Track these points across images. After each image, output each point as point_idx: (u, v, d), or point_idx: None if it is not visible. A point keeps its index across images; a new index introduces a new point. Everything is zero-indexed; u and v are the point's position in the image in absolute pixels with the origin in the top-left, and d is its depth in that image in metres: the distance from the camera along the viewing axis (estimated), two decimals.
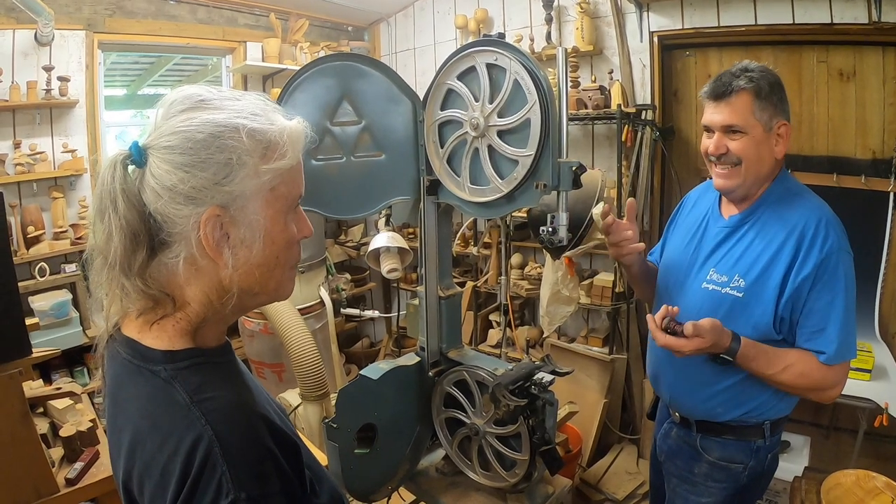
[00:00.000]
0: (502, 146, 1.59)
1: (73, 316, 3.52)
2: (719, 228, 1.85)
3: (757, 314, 1.70)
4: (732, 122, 1.69)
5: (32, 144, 3.55)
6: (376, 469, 1.89)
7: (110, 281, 0.89)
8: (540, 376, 1.75)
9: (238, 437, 0.82)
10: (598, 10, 3.91)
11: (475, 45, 1.61)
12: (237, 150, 0.86)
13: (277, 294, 1.00)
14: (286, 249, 0.95)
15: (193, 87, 0.91)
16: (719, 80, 1.71)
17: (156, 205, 0.85)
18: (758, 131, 1.68)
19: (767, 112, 1.67)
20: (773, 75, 1.70)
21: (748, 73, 1.68)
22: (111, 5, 3.86)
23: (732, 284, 1.74)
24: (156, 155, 0.85)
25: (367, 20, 5.32)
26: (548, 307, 3.41)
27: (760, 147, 1.70)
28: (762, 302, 1.69)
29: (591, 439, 3.68)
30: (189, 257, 0.87)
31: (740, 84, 1.67)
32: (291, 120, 0.95)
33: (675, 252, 2.01)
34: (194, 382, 0.87)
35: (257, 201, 0.89)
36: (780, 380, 1.67)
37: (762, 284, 1.69)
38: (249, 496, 0.78)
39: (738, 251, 1.77)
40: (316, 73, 1.75)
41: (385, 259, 3.55)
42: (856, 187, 3.23)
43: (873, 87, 3.17)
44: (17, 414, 1.76)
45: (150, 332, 0.91)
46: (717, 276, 1.79)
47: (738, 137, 1.70)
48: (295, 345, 3.09)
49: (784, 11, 3.21)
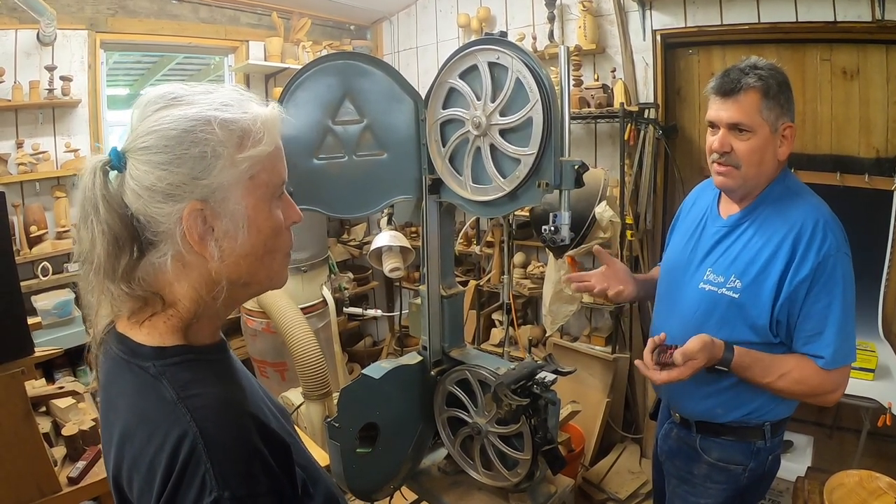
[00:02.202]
0: (504, 145, 1.58)
1: (76, 315, 3.52)
2: (717, 228, 1.83)
3: (753, 315, 1.67)
4: (739, 119, 1.65)
5: (35, 144, 3.55)
6: (378, 468, 1.89)
7: (97, 286, 0.90)
8: (542, 375, 1.75)
9: (224, 435, 0.82)
10: (600, 9, 3.90)
11: (477, 44, 1.61)
12: (210, 143, 0.86)
13: (271, 283, 1.00)
14: (274, 237, 0.95)
15: (166, 86, 0.92)
16: (727, 75, 1.67)
17: (137, 205, 0.86)
18: (764, 131, 1.64)
19: (774, 112, 1.64)
20: (781, 74, 1.67)
21: (757, 71, 1.64)
22: (113, 5, 3.87)
23: (729, 285, 1.71)
24: (134, 157, 0.86)
25: (370, 19, 5.31)
26: (550, 306, 3.42)
27: (765, 149, 1.66)
28: (758, 303, 1.66)
29: (594, 438, 3.68)
30: (176, 254, 0.88)
31: (749, 82, 1.62)
32: (266, 107, 0.95)
33: (674, 253, 1.99)
34: (182, 379, 0.87)
35: (237, 191, 0.89)
36: (778, 387, 1.65)
37: (758, 286, 1.66)
38: (234, 495, 0.78)
39: (735, 251, 1.74)
40: (318, 72, 1.74)
41: (387, 258, 3.55)
42: (859, 186, 3.22)
43: (877, 85, 3.16)
44: (19, 413, 1.76)
45: (142, 329, 0.91)
46: (714, 276, 1.76)
47: (745, 137, 1.66)
48: (297, 344, 3.09)
49: (787, 9, 3.20)
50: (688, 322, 1.80)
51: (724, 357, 1.62)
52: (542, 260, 4.35)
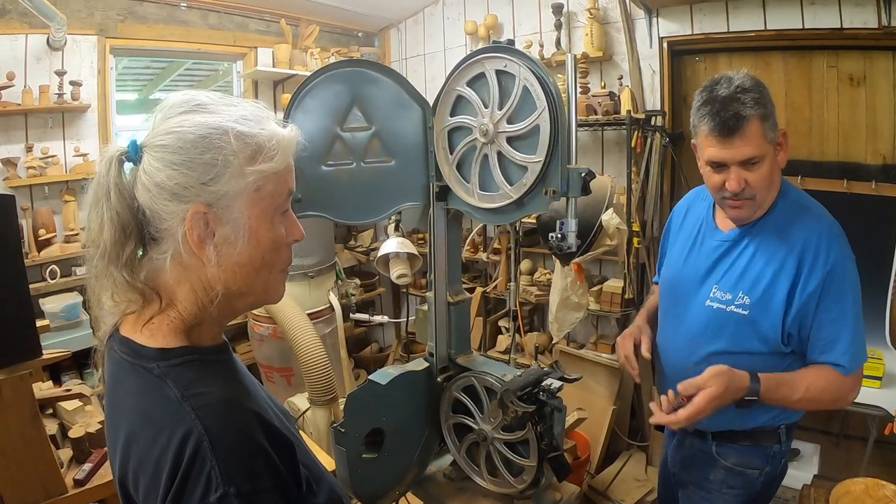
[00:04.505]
0: (511, 152, 1.59)
1: (84, 318, 3.54)
2: (718, 242, 1.80)
3: (765, 329, 1.66)
4: (751, 154, 1.59)
5: (44, 148, 3.58)
6: (384, 474, 1.89)
7: (102, 271, 0.92)
8: (548, 382, 1.75)
9: (228, 432, 0.84)
10: (607, 16, 3.91)
11: (485, 52, 1.61)
12: (223, 151, 0.89)
13: (267, 296, 1.02)
14: (273, 251, 0.97)
15: (193, 92, 0.95)
16: (724, 110, 1.57)
17: (145, 199, 0.89)
18: (770, 153, 1.61)
19: (773, 130, 1.61)
20: (761, 84, 1.61)
21: (749, 94, 1.56)
22: (123, 11, 3.90)
23: (737, 302, 1.70)
24: (150, 153, 0.89)
25: (378, 26, 5.34)
26: (557, 313, 3.42)
27: (773, 168, 1.64)
28: (769, 317, 1.65)
29: (600, 446, 3.67)
30: (176, 254, 0.90)
31: (749, 112, 1.56)
32: (285, 128, 0.97)
33: (674, 267, 1.96)
34: (186, 379, 0.88)
35: (242, 201, 0.91)
36: (807, 398, 1.62)
37: (768, 300, 1.65)
38: (239, 491, 0.79)
39: (740, 267, 1.72)
40: (326, 79, 1.75)
41: (394, 264, 3.56)
42: (866, 193, 3.22)
43: (883, 91, 3.16)
44: (27, 415, 1.77)
45: (145, 332, 0.93)
46: (721, 293, 1.74)
47: (756, 168, 1.61)
48: (304, 349, 3.10)
49: (794, 16, 3.21)
50: (697, 339, 1.79)
51: (750, 388, 1.59)
52: (548, 267, 4.35)
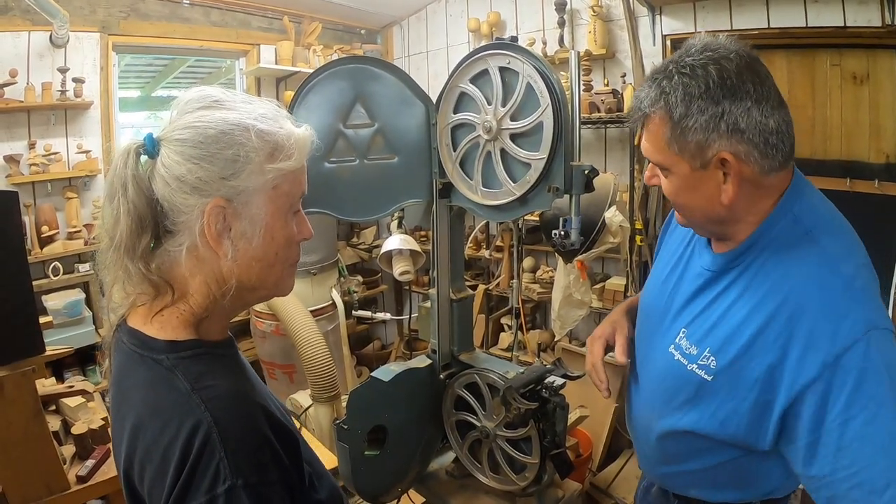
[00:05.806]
0: (515, 149, 1.59)
1: (86, 315, 3.55)
2: (702, 269, 1.34)
3: (727, 409, 1.20)
4: (647, 156, 1.26)
5: (47, 145, 3.58)
6: (386, 471, 1.89)
7: (115, 262, 0.92)
8: (551, 380, 1.75)
9: (236, 424, 0.85)
10: (610, 14, 3.90)
11: (488, 49, 1.61)
12: (245, 147, 0.90)
13: (277, 290, 1.03)
14: (286, 247, 0.98)
15: (209, 88, 0.96)
16: (641, 88, 1.23)
17: (163, 192, 0.89)
18: (682, 169, 1.18)
19: (694, 139, 1.12)
20: (737, 74, 1.09)
21: (665, 82, 1.14)
22: (125, 8, 3.90)
23: (701, 361, 1.25)
24: (168, 147, 0.90)
25: (380, 23, 5.33)
26: (560, 310, 3.42)
27: (695, 190, 1.19)
28: (735, 395, 1.18)
29: (602, 443, 3.67)
30: (192, 247, 0.91)
31: (646, 106, 1.18)
32: (300, 127, 0.99)
33: (652, 287, 1.55)
34: (195, 371, 0.89)
35: (260, 197, 0.92)
36: None
37: (737, 371, 1.18)
38: (247, 483, 0.80)
39: (715, 314, 1.26)
40: (329, 76, 1.75)
41: (397, 261, 3.55)
42: (869, 192, 3.20)
43: (887, 90, 3.14)
44: (29, 411, 1.77)
45: (155, 323, 0.94)
46: (686, 342, 1.30)
47: (666, 175, 1.24)
48: (306, 346, 3.10)
49: (797, 14, 3.19)
50: (654, 397, 1.45)
51: None
52: (551, 264, 4.35)
